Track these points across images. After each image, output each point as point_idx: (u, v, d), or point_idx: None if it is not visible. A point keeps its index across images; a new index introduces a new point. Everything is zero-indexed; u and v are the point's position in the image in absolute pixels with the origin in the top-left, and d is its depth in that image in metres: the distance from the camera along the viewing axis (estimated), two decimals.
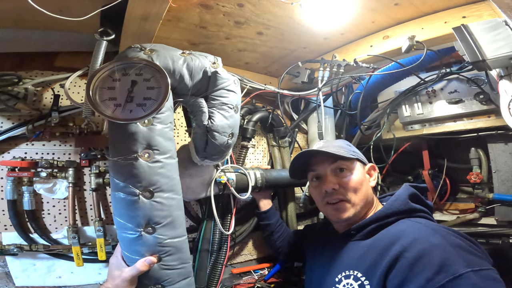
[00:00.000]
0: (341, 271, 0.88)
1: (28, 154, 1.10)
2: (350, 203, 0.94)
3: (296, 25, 1.20)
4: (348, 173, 0.97)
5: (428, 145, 1.69)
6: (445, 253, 0.69)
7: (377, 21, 1.23)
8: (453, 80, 1.49)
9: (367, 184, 0.99)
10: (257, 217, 1.44)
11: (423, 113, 1.55)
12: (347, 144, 1.07)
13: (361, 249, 0.87)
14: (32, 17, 0.92)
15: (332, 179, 0.97)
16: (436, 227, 0.80)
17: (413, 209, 0.90)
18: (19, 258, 1.06)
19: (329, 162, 0.98)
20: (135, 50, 0.87)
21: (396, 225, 0.86)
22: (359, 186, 0.95)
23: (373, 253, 0.82)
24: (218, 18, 1.11)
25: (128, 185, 0.77)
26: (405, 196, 0.91)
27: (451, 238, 0.74)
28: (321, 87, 1.44)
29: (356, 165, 0.99)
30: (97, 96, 0.75)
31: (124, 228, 0.79)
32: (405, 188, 0.95)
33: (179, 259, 0.84)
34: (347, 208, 0.94)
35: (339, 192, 0.95)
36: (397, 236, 0.79)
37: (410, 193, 0.92)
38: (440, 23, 1.14)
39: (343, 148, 1.01)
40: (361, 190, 0.95)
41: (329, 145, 1.03)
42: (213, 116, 0.97)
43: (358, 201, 0.94)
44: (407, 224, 0.84)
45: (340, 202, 0.95)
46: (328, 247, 1.03)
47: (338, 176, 0.97)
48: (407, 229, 0.81)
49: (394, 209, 0.89)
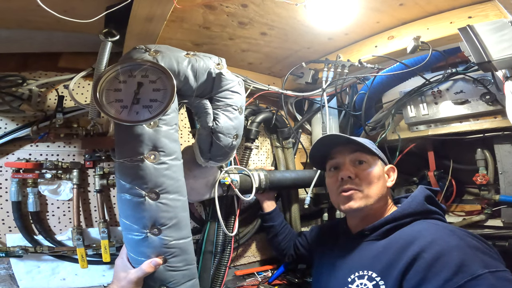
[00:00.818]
0: (354, 271, 0.88)
1: (32, 155, 1.12)
2: (363, 193, 0.95)
3: (300, 26, 1.21)
4: (367, 166, 0.99)
5: (434, 146, 1.69)
6: (463, 254, 0.70)
7: (381, 21, 1.24)
8: (459, 81, 1.50)
9: (384, 182, 1.00)
10: (261, 218, 1.45)
11: (428, 113, 1.56)
12: (371, 142, 1.07)
13: (376, 249, 0.88)
14: (36, 17, 0.93)
15: (350, 167, 0.99)
16: (453, 228, 0.81)
17: (428, 211, 0.91)
18: (23, 260, 1.08)
19: (349, 151, 1.01)
20: (139, 51, 0.89)
21: (412, 226, 0.87)
22: (375, 180, 0.97)
23: (388, 254, 0.82)
24: (222, 19, 1.12)
25: (134, 187, 0.79)
26: (421, 198, 0.92)
27: (468, 239, 0.75)
28: (325, 87, 1.45)
29: (376, 161, 1.01)
30: (103, 98, 0.76)
31: (130, 230, 0.81)
32: (421, 189, 0.96)
33: (184, 260, 0.85)
34: (359, 197, 0.95)
35: (354, 182, 0.97)
36: (414, 237, 0.80)
37: (426, 195, 0.93)
38: (445, 24, 1.15)
39: (366, 143, 1.02)
40: (377, 184, 0.96)
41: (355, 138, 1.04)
42: (218, 117, 0.98)
43: (371, 194, 0.95)
44: (424, 225, 0.85)
45: (353, 191, 0.96)
46: (338, 247, 1.03)
47: (356, 167, 0.99)
48: (424, 229, 0.82)
49: (410, 210, 0.90)
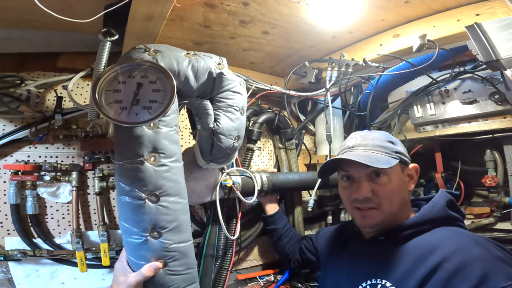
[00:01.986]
0: (365, 278, 0.84)
1: (31, 157, 1.13)
2: (382, 211, 0.88)
3: (303, 24, 1.21)
4: (385, 178, 0.89)
5: (441, 147, 1.68)
6: (487, 265, 0.68)
7: (386, 19, 1.24)
8: (467, 80, 1.49)
9: (404, 189, 0.92)
10: (263, 221, 1.45)
11: (435, 113, 1.55)
12: (389, 139, 0.94)
13: (391, 256, 0.83)
14: (33, 16, 0.94)
15: (366, 186, 0.89)
16: (477, 237, 0.78)
17: (450, 217, 0.86)
18: (22, 264, 1.09)
19: (364, 165, 0.87)
20: (139, 51, 0.89)
21: (432, 233, 0.83)
22: (395, 194, 0.89)
23: (405, 262, 0.79)
24: (223, 17, 1.13)
25: (134, 189, 0.79)
26: (443, 203, 0.87)
27: (493, 250, 0.72)
28: (329, 87, 1.45)
29: (396, 169, 0.90)
30: (102, 99, 0.77)
31: (130, 233, 0.81)
32: (442, 194, 0.91)
33: (184, 264, 0.86)
34: (376, 216, 0.89)
35: (371, 200, 0.88)
36: (435, 245, 0.77)
37: (448, 200, 0.89)
38: (452, 21, 1.14)
39: (384, 149, 0.90)
40: (397, 196, 0.89)
41: (368, 142, 0.92)
42: (219, 118, 0.99)
43: (390, 210, 0.88)
44: (446, 233, 0.81)
45: (370, 209, 0.89)
46: (348, 252, 1.00)
47: (374, 181, 0.89)
48: (446, 238, 0.78)
49: (431, 216, 0.85)
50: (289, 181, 1.43)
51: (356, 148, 0.93)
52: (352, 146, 0.94)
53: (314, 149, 1.87)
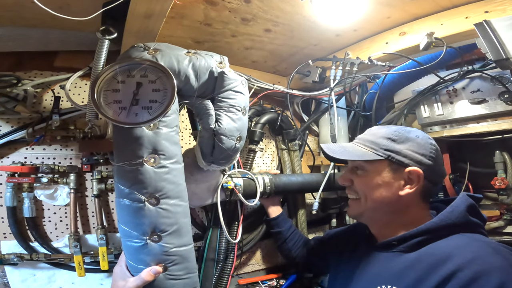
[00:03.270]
0: (375, 285, 0.83)
1: (28, 159, 1.13)
2: (359, 202, 0.95)
3: (306, 22, 1.21)
4: (362, 173, 0.94)
5: (449, 148, 1.67)
6: (505, 275, 0.66)
7: (392, 16, 1.24)
8: (475, 79, 1.48)
9: (389, 190, 0.89)
10: (267, 224, 1.45)
11: (443, 113, 1.55)
12: (390, 136, 0.92)
13: (403, 262, 0.82)
14: (30, 14, 0.94)
15: (347, 174, 0.98)
16: (496, 246, 0.75)
17: (470, 223, 0.83)
18: (18, 268, 1.09)
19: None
20: (138, 50, 0.90)
21: (448, 239, 0.80)
22: (370, 190, 0.91)
23: (418, 269, 0.77)
24: (224, 15, 1.13)
25: (133, 192, 0.80)
26: (463, 208, 0.84)
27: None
28: (333, 86, 1.45)
29: (379, 166, 0.91)
30: (101, 99, 0.77)
31: (129, 236, 0.82)
32: (463, 198, 0.87)
33: (185, 268, 0.86)
34: (354, 207, 0.97)
35: (351, 189, 0.98)
36: (450, 253, 0.74)
37: (469, 204, 0.85)
38: (460, 19, 1.14)
39: (374, 145, 0.92)
40: (372, 194, 0.91)
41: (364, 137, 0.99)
42: (220, 119, 0.99)
43: (367, 203, 0.92)
44: (463, 241, 0.78)
45: (351, 199, 0.99)
46: (359, 255, 0.98)
47: (355, 172, 0.97)
48: (463, 246, 0.76)
49: (449, 222, 0.82)
50: (292, 183, 1.43)
51: (356, 140, 1.02)
52: (356, 138, 1.02)
53: (318, 150, 1.86)
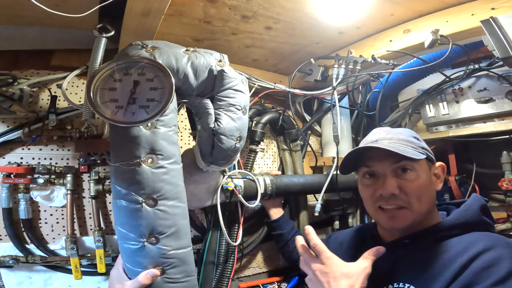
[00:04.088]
0: (387, 283, 0.83)
1: (24, 159, 1.13)
2: (412, 210, 0.84)
3: (308, 19, 1.21)
4: (413, 174, 0.86)
5: (455, 149, 1.67)
6: None
7: (396, 13, 1.24)
8: (482, 77, 1.47)
9: (433, 188, 0.89)
10: (268, 226, 1.44)
11: (449, 113, 1.54)
12: (413, 135, 0.92)
13: (416, 261, 0.81)
14: (26, 12, 0.94)
15: (392, 181, 0.85)
16: (510, 240, 0.76)
17: (483, 222, 0.84)
18: (14, 271, 1.09)
19: (390, 160, 0.86)
20: (136, 48, 0.89)
21: (462, 237, 0.80)
22: (424, 192, 0.85)
23: (433, 266, 0.76)
24: (224, 12, 1.13)
25: (130, 193, 0.79)
26: (477, 207, 0.85)
27: None
28: (336, 85, 1.45)
29: (423, 165, 0.88)
30: (97, 98, 0.77)
31: (126, 238, 0.81)
32: (476, 198, 0.88)
33: (183, 271, 0.85)
34: (406, 216, 0.84)
35: (398, 197, 0.85)
36: (465, 248, 0.75)
37: (482, 204, 0.86)
38: (466, 16, 1.13)
39: (410, 143, 0.88)
40: (425, 196, 0.86)
41: (393, 136, 0.90)
42: (220, 118, 0.98)
43: (420, 209, 0.84)
44: (478, 236, 0.79)
45: (399, 209, 0.85)
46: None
47: (400, 177, 0.86)
48: (478, 240, 0.76)
49: (463, 220, 0.83)
50: (294, 184, 1.43)
51: (380, 141, 0.90)
52: (376, 140, 0.91)
53: (320, 150, 1.86)
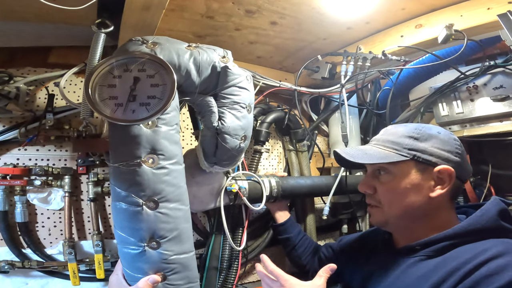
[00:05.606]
0: None
1: (20, 160, 1.12)
2: (383, 210, 0.91)
3: (315, 14, 1.20)
4: (386, 177, 0.89)
5: (469, 149, 1.64)
6: None
7: (408, 7, 1.22)
8: (498, 74, 1.46)
9: (418, 193, 0.86)
10: (274, 230, 1.43)
11: (463, 112, 1.52)
12: (411, 135, 0.90)
13: (426, 268, 0.81)
14: (22, 7, 0.93)
15: (368, 180, 0.94)
16: None
17: (502, 228, 0.80)
18: (10, 276, 1.08)
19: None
20: (136, 44, 0.88)
21: (477, 243, 0.78)
22: (397, 195, 0.87)
23: (440, 272, 0.76)
24: (227, 7, 1.12)
25: (130, 194, 0.78)
26: (494, 212, 0.81)
27: None
28: (344, 83, 1.44)
29: (406, 169, 0.87)
30: (96, 95, 0.76)
31: (126, 243, 0.80)
32: (494, 202, 0.85)
33: (185, 277, 0.84)
34: (377, 215, 0.93)
35: (373, 196, 0.93)
36: (475, 255, 0.73)
37: (501, 209, 0.82)
38: (482, 10, 1.12)
39: (394, 144, 0.89)
40: (398, 199, 0.87)
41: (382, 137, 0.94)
42: (224, 116, 0.97)
43: (391, 211, 0.89)
44: (493, 242, 0.76)
45: (373, 207, 0.94)
46: (374, 263, 0.97)
47: (377, 178, 0.92)
48: (492, 246, 0.74)
49: (478, 226, 0.80)
50: (300, 186, 1.42)
51: (372, 141, 0.97)
52: (372, 139, 0.98)
53: (328, 151, 1.85)
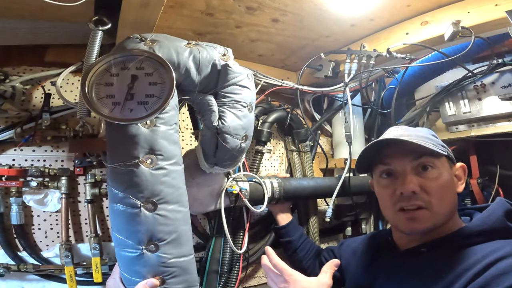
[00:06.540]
0: None
1: (16, 161, 1.12)
2: (432, 211, 0.83)
3: (318, 10, 1.19)
4: (434, 172, 0.86)
5: (477, 149, 1.64)
6: None
7: (413, 4, 1.21)
8: (506, 73, 1.44)
9: (454, 189, 0.88)
10: (276, 233, 1.43)
11: (470, 111, 1.51)
12: (433, 134, 0.93)
13: (432, 270, 0.80)
14: (17, 5, 0.93)
15: (413, 179, 0.85)
16: None
17: (508, 229, 0.81)
18: (5, 280, 1.08)
19: (410, 157, 0.87)
20: (134, 41, 0.88)
21: (484, 245, 0.78)
22: (446, 191, 0.85)
23: (447, 277, 0.75)
24: (227, 4, 1.11)
25: (128, 196, 0.78)
26: (501, 213, 0.82)
27: None
28: (348, 82, 1.43)
29: (444, 163, 0.88)
30: (93, 94, 0.76)
31: (124, 246, 0.80)
32: (500, 203, 0.85)
33: (185, 281, 0.84)
34: (427, 218, 0.84)
35: (419, 196, 0.84)
36: (484, 257, 0.73)
37: (507, 210, 0.83)
38: (489, 6, 1.11)
39: (430, 140, 0.87)
40: (447, 196, 0.85)
41: (411, 133, 0.90)
42: (224, 116, 0.97)
43: (442, 210, 0.84)
44: (502, 243, 0.76)
45: (419, 209, 0.84)
46: (379, 266, 0.96)
47: (421, 175, 0.86)
48: (501, 247, 0.74)
49: (485, 227, 0.81)
50: (303, 187, 1.41)
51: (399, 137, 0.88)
52: (393, 136, 0.90)
53: (331, 151, 1.84)
